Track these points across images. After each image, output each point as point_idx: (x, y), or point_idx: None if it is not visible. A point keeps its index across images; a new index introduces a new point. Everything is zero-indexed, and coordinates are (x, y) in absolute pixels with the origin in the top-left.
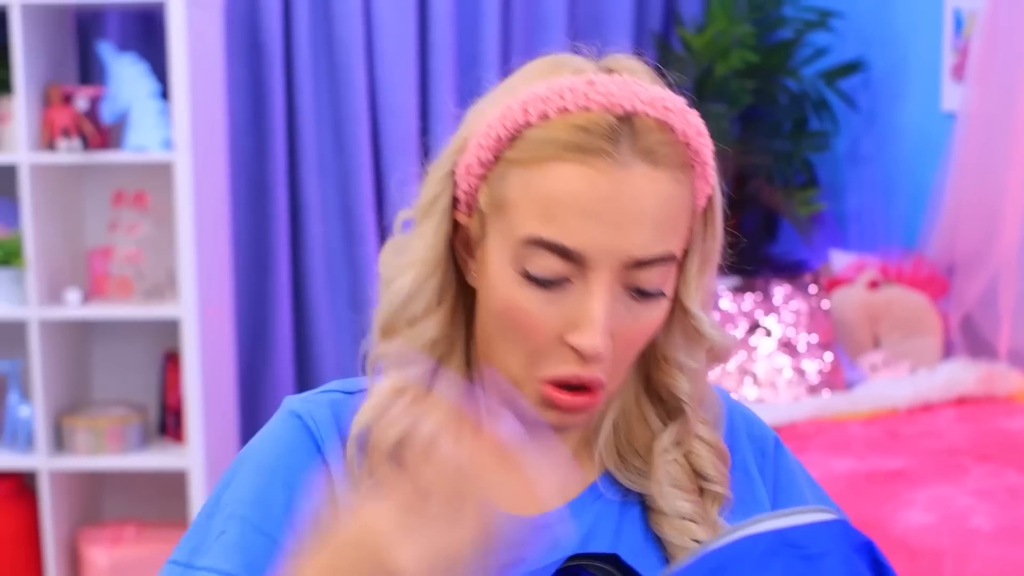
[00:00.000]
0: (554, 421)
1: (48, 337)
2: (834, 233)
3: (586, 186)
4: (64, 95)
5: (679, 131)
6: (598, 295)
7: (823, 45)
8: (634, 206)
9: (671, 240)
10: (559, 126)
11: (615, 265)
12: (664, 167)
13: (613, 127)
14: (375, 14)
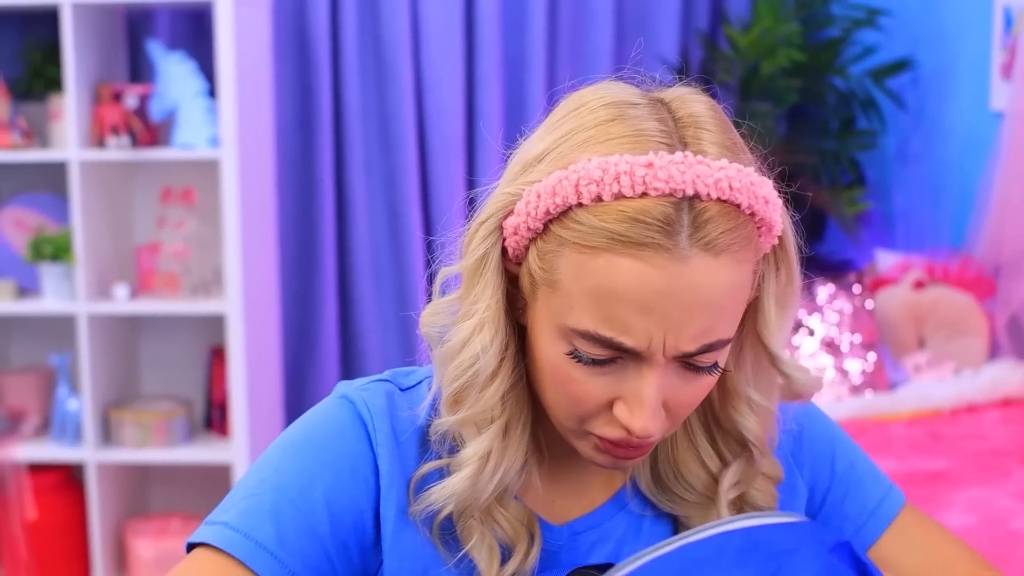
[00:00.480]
0: (605, 465)
1: (97, 332)
2: (881, 233)
3: (642, 283)
4: (114, 93)
5: (744, 207)
6: (648, 380)
7: (871, 43)
8: (692, 300)
9: (728, 325)
10: (613, 214)
11: (670, 357)
12: (726, 254)
13: (671, 219)
14: (422, 13)
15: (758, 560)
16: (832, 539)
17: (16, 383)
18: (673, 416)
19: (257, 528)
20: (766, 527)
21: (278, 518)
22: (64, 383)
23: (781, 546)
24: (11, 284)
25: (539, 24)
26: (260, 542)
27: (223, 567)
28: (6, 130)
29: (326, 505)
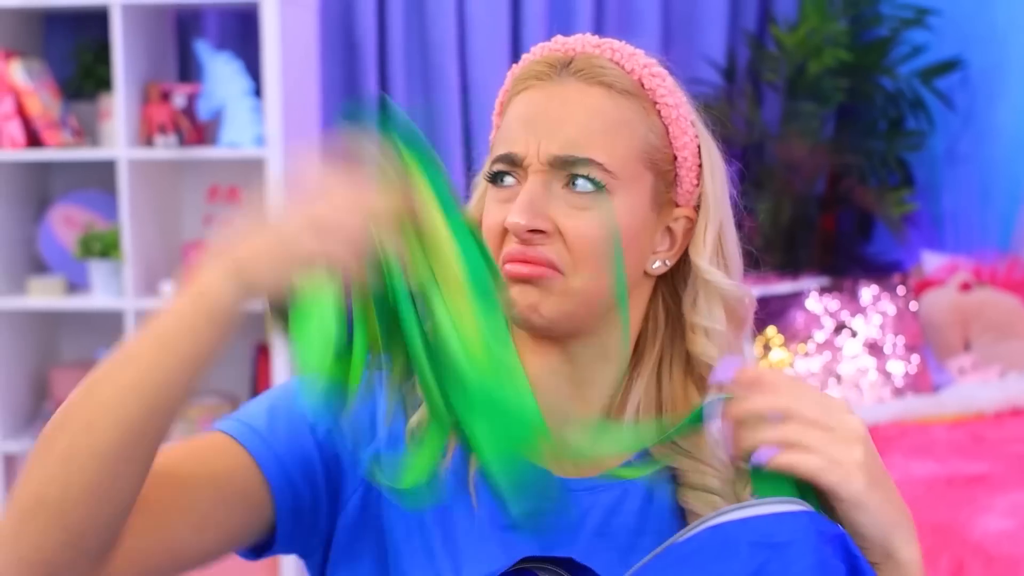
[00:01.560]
0: (514, 299)
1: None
2: (929, 234)
3: (527, 103)
4: (162, 92)
5: (627, 68)
6: (525, 184)
7: (920, 43)
8: (560, 111)
9: (597, 149)
10: (520, 69)
11: (543, 162)
12: (599, 85)
13: (559, 59)
14: (468, 14)
15: (747, 553)
16: (829, 529)
17: (65, 378)
18: (568, 243)
19: (254, 418)
20: (760, 518)
21: (272, 414)
22: None
23: (774, 538)
24: (61, 280)
25: (585, 24)
26: (254, 427)
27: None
28: (57, 129)
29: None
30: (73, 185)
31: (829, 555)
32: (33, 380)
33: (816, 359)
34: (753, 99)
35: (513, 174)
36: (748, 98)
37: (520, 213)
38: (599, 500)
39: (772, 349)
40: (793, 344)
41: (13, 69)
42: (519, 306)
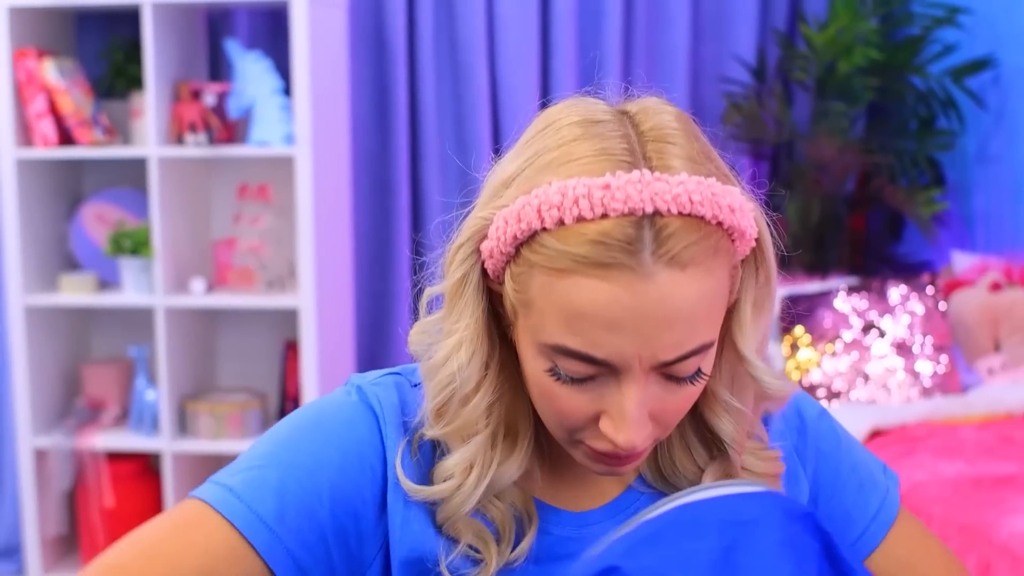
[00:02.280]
0: (601, 473)
1: (174, 324)
2: (959, 234)
3: (608, 301)
4: (193, 91)
5: (709, 218)
6: (628, 394)
7: (951, 42)
8: (661, 314)
9: (704, 332)
10: (575, 237)
11: (646, 369)
12: (693, 266)
13: (632, 238)
14: (497, 13)
15: (716, 530)
16: (797, 509)
17: (97, 374)
18: (662, 424)
19: (260, 501)
20: (727, 497)
21: (282, 494)
22: (142, 374)
23: (741, 516)
24: (92, 277)
25: (615, 24)
26: (260, 515)
27: (221, 531)
28: (89, 127)
29: (330, 489)
30: (104, 183)
31: (799, 531)
32: (65, 376)
33: (844, 359)
34: (783, 98)
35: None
36: (778, 97)
37: (636, 435)
38: (618, 524)
39: (800, 349)
40: (821, 344)
41: (46, 68)
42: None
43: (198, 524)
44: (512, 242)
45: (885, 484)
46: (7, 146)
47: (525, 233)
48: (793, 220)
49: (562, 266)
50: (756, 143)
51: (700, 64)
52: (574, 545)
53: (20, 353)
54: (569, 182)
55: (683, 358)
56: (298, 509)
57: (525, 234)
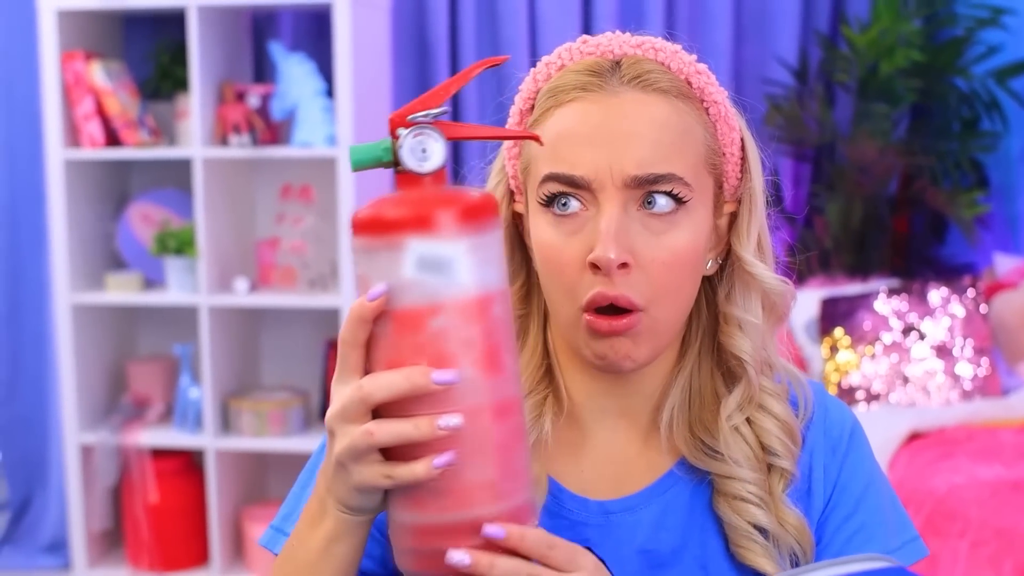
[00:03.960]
0: (604, 353)
1: (217, 323)
2: (1003, 236)
3: (582, 118)
4: (237, 93)
5: (674, 68)
6: (605, 212)
7: (995, 43)
8: (626, 126)
9: (673, 161)
10: (559, 77)
11: (619, 184)
12: (657, 92)
13: (603, 66)
14: (539, 14)
15: None
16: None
17: (142, 371)
18: (648, 273)
19: (293, 525)
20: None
21: None
22: (186, 372)
23: None
24: (138, 276)
25: (656, 24)
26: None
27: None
28: (135, 128)
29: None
30: (150, 183)
31: None
32: (110, 373)
33: (884, 361)
34: (825, 100)
35: (577, 197)
36: (820, 99)
37: (611, 246)
38: (640, 518)
39: (839, 351)
40: (861, 346)
41: (93, 70)
42: (611, 358)
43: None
44: (520, 120)
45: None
46: (55, 147)
47: (527, 103)
48: (834, 222)
49: (549, 104)
50: (798, 144)
51: (742, 65)
52: (593, 532)
53: (67, 351)
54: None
55: (652, 180)
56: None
57: (528, 103)
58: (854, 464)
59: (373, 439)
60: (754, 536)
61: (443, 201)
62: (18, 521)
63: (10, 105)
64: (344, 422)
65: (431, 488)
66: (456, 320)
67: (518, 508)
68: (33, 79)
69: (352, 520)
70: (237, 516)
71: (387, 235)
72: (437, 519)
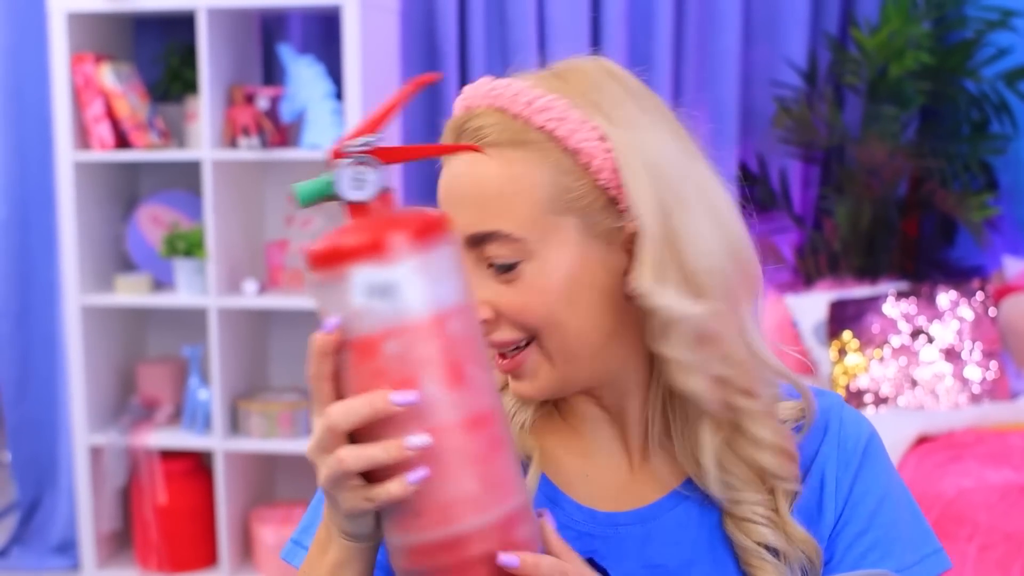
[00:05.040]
0: (516, 394)
1: (227, 325)
2: (1014, 238)
3: (442, 179)
4: (246, 95)
5: (512, 111)
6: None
7: (1005, 45)
8: (457, 189)
9: (500, 218)
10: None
11: (463, 245)
12: (491, 148)
13: (456, 125)
14: (549, 17)
15: None
16: None
17: (151, 373)
18: (514, 319)
19: (311, 537)
20: None
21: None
22: (195, 374)
23: None
24: (147, 278)
25: (666, 27)
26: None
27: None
28: (145, 131)
29: None
30: (160, 185)
31: None
32: (120, 375)
33: (892, 364)
34: (834, 102)
35: None
36: (829, 101)
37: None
38: (650, 532)
39: (848, 354)
40: (869, 349)
41: (103, 72)
42: (519, 393)
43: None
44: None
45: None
46: (65, 149)
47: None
48: (843, 224)
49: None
50: (807, 146)
51: (751, 67)
52: (599, 543)
53: (76, 352)
54: None
55: (479, 239)
56: None
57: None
58: (868, 478)
59: (344, 465)
60: (764, 555)
61: (383, 226)
62: (27, 522)
63: (20, 107)
64: (321, 453)
65: (414, 507)
66: (411, 341)
67: (507, 517)
68: (43, 81)
69: (354, 547)
70: (246, 517)
71: (333, 267)
72: (425, 537)
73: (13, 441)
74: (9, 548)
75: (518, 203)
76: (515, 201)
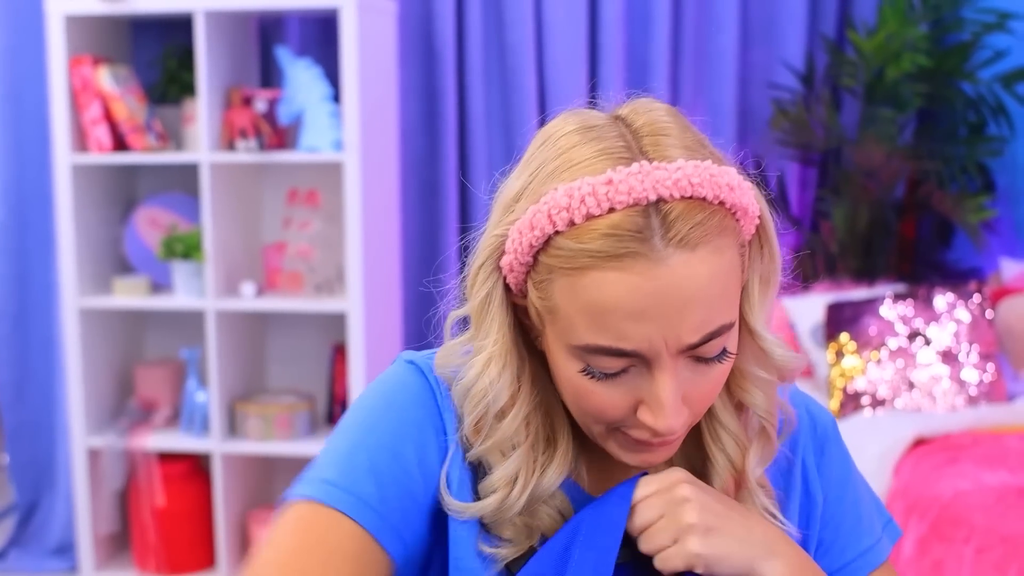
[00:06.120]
0: (636, 463)
1: (224, 327)
2: (1010, 241)
3: (628, 291)
4: (244, 98)
5: (711, 199)
6: (662, 381)
7: (1002, 47)
8: (678, 296)
9: (724, 311)
10: (587, 234)
11: (673, 352)
12: (703, 245)
13: (640, 227)
14: (546, 18)
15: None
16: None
17: (149, 375)
18: (695, 408)
19: (358, 484)
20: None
21: (377, 475)
22: (193, 376)
23: None
24: (145, 280)
25: (663, 29)
26: (363, 498)
27: (331, 520)
28: (143, 133)
29: (418, 463)
30: (157, 188)
31: None
32: (118, 377)
33: (889, 366)
34: (831, 104)
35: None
36: (826, 103)
37: (673, 420)
38: None
39: (845, 356)
40: (866, 351)
41: (101, 75)
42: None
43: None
44: (529, 251)
45: (879, 529)
46: (63, 152)
47: (540, 240)
48: (840, 226)
49: (580, 264)
50: (804, 149)
51: (748, 70)
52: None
53: (74, 354)
54: (574, 184)
55: (707, 339)
56: (395, 487)
57: (540, 240)
58: (837, 459)
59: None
60: None
61: None
62: (26, 524)
63: (18, 110)
64: None
65: None
66: None
67: None
68: (41, 84)
69: None
70: (244, 520)
71: None
72: None
73: (11, 443)
74: (7, 550)
75: (734, 291)
76: (730, 289)
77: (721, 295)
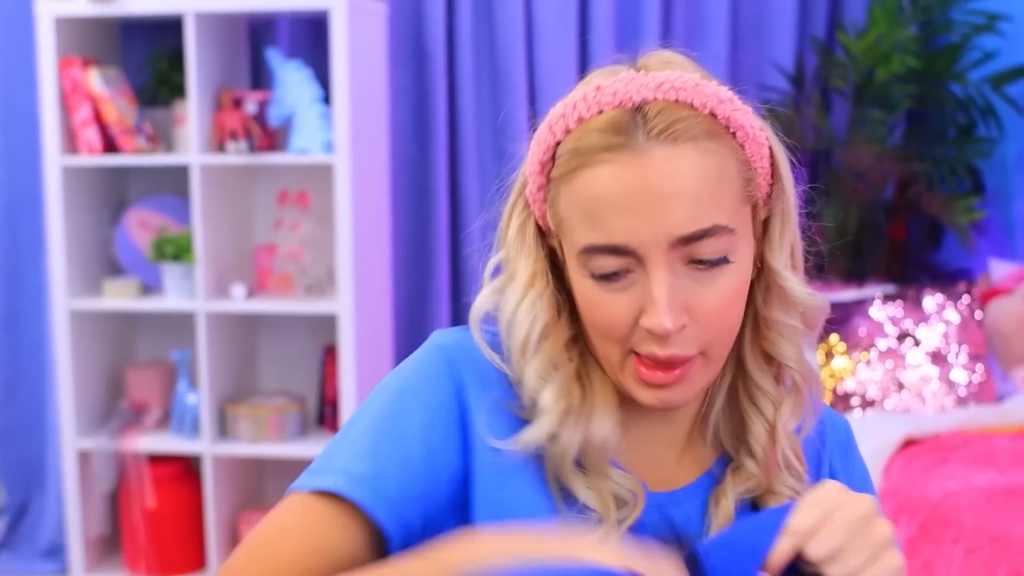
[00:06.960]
0: (652, 401)
1: (215, 329)
2: (1000, 242)
3: (615, 183)
4: (234, 99)
5: (697, 105)
6: (656, 278)
7: (991, 49)
8: (662, 188)
9: (715, 211)
10: (579, 134)
11: (663, 248)
12: (685, 141)
13: (626, 121)
14: (536, 20)
15: None
16: None
17: (139, 377)
18: (701, 322)
19: (358, 464)
20: None
21: (376, 455)
22: (184, 378)
23: None
24: (136, 282)
25: (653, 31)
26: (360, 476)
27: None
28: (133, 135)
29: (423, 442)
30: (148, 190)
31: None
32: (108, 379)
33: (879, 367)
34: (821, 105)
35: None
36: (816, 104)
37: (666, 317)
38: (688, 513)
39: (834, 357)
40: (856, 352)
41: (91, 77)
42: (661, 406)
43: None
44: (541, 171)
45: None
46: (53, 154)
47: (547, 155)
48: (830, 227)
49: (574, 165)
50: (793, 150)
51: (738, 71)
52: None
53: (65, 356)
54: (568, 96)
55: (698, 236)
56: (394, 464)
57: (547, 156)
58: (859, 464)
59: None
60: None
61: None
62: (16, 526)
63: (8, 112)
64: None
65: None
66: None
67: None
68: (31, 86)
69: None
70: (234, 521)
71: None
72: None
73: (1, 445)
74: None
75: (726, 193)
76: (724, 192)
77: (712, 195)
